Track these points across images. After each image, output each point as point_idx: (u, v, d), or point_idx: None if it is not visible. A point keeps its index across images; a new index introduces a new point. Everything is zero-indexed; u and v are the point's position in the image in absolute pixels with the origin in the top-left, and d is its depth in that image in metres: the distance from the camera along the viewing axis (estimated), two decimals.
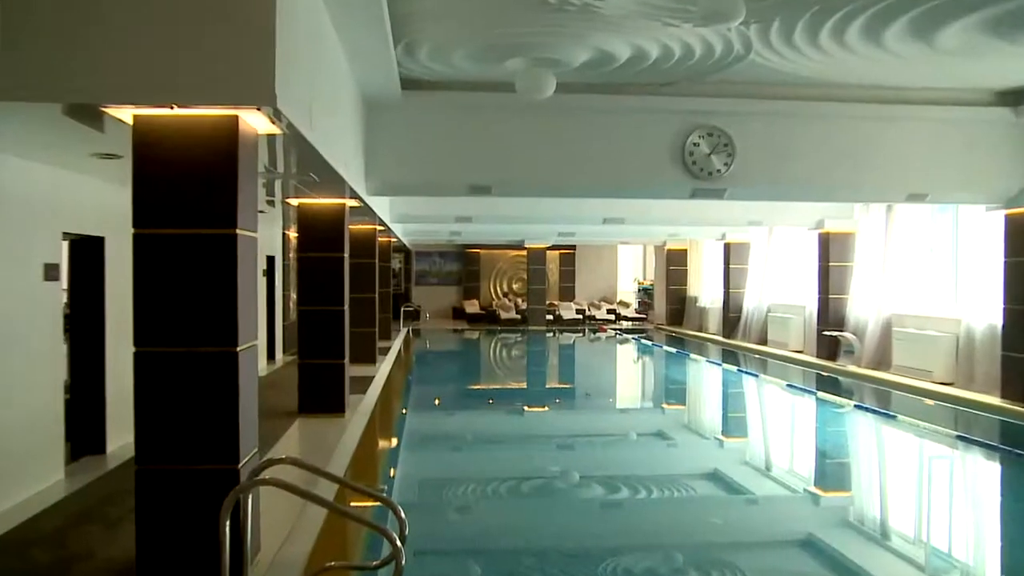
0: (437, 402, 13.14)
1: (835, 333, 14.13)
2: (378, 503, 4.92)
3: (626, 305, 28.17)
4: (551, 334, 24.26)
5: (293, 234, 14.71)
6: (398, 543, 3.28)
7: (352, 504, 5.35)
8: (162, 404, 3.57)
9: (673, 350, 19.45)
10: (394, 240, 17.94)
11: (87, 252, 6.41)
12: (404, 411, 11.52)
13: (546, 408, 12.99)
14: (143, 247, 3.57)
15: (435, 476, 7.84)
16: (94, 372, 6.42)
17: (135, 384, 3.57)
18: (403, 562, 3.22)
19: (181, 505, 3.57)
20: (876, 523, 6.61)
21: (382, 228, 13.05)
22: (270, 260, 13.59)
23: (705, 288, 22.49)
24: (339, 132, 5.84)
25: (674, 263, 24.09)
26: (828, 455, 9.24)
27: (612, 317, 27.11)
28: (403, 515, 3.54)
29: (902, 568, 5.62)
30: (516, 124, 8.28)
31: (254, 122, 3.74)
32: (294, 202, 7.92)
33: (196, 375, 3.58)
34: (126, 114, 3.50)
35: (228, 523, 3.39)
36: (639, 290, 29.83)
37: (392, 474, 7.67)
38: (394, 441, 9.33)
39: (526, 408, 12.69)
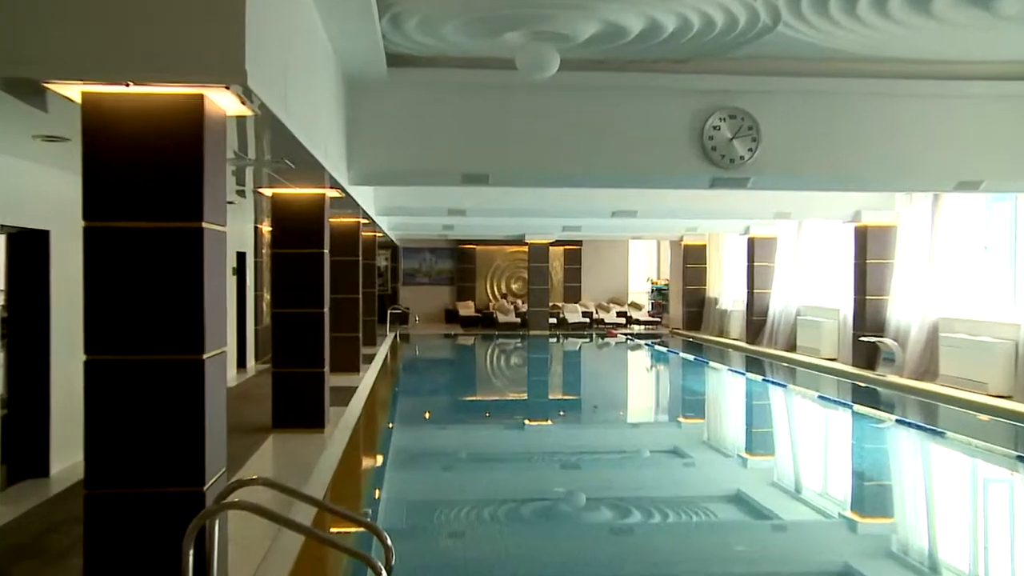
0: (427, 415, 13.11)
1: (873, 339, 14.10)
2: (361, 528, 4.89)
3: (638, 307, 28.17)
4: (554, 339, 24.25)
5: (267, 228, 14.69)
6: (383, 573, 3.26)
7: (332, 530, 5.32)
8: (117, 419, 3.54)
9: (690, 357, 19.44)
10: (380, 235, 17.93)
11: (29, 247, 6.35)
12: (391, 425, 11.50)
13: (549, 422, 12.98)
14: (95, 242, 3.54)
15: (425, 498, 7.81)
16: (37, 384, 6.37)
17: (86, 397, 3.54)
18: None
19: (138, 534, 3.53)
20: (923, 554, 6.58)
21: (366, 221, 13.03)
22: (240, 257, 13.57)
23: (726, 288, 22.49)
24: (318, 114, 5.81)
25: (691, 260, 24.08)
26: (866, 476, 9.21)
27: (622, 320, 27.11)
28: (389, 542, 3.53)
29: None
30: (515, 105, 8.24)
31: (222, 102, 3.71)
32: (267, 192, 7.89)
33: (156, 386, 3.55)
34: (74, 91, 3.46)
35: (192, 553, 3.36)
36: (652, 290, 29.84)
37: (377, 496, 7.65)
38: (379, 459, 9.31)
39: (527, 422, 12.68)
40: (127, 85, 3.39)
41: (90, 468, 3.54)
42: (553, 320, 25.85)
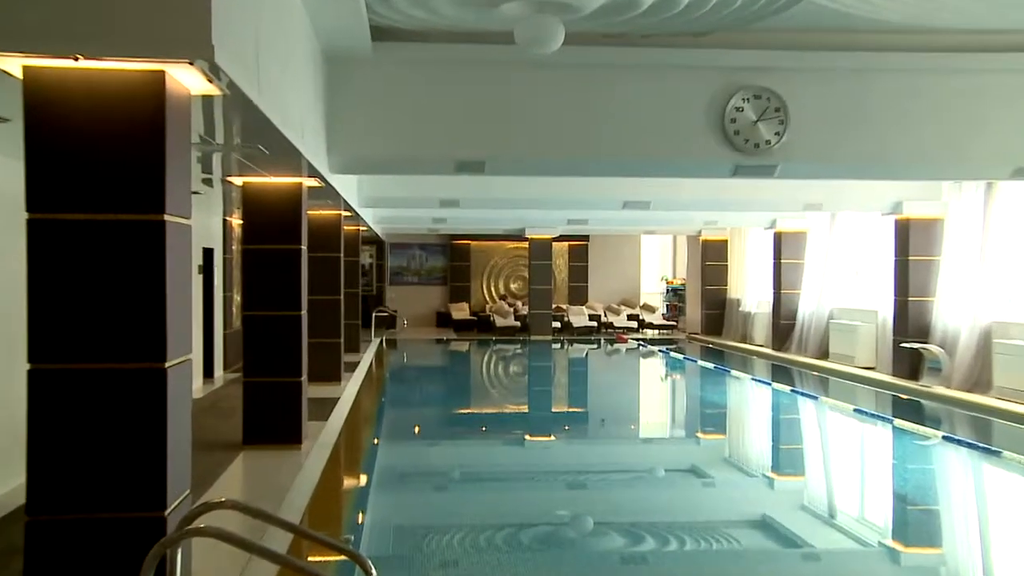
0: (417, 430, 13.11)
1: (917, 345, 14.09)
2: (342, 556, 4.88)
3: (651, 310, 28.18)
4: (558, 345, 24.27)
5: (237, 221, 14.68)
6: None
7: (310, 558, 5.31)
8: (65, 436, 3.52)
9: (710, 365, 19.45)
10: (364, 229, 17.94)
11: None
12: (376, 441, 11.50)
13: (552, 438, 12.98)
14: (40, 236, 3.52)
15: (414, 522, 7.80)
16: None
17: (29, 411, 3.52)
18: None
19: (88, 565, 3.51)
20: None
21: (349, 214, 13.02)
22: (208, 253, 13.56)
23: (750, 289, 22.50)
24: (294, 93, 5.80)
25: (711, 258, 24.10)
26: (909, 500, 9.19)
27: (634, 324, 27.13)
28: (373, 571, 3.52)
29: None
30: (515, 85, 8.24)
31: (185, 80, 3.70)
32: (238, 181, 7.88)
33: (111, 398, 3.53)
34: (13, 65, 3.44)
35: None
36: (667, 291, 29.87)
37: (360, 520, 7.64)
38: (363, 479, 9.30)
39: (527, 437, 12.68)
40: (76, 59, 3.37)
41: (33, 491, 3.52)
42: (557, 324, 25.87)
